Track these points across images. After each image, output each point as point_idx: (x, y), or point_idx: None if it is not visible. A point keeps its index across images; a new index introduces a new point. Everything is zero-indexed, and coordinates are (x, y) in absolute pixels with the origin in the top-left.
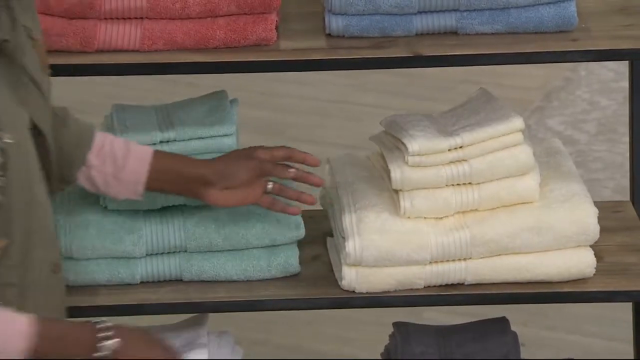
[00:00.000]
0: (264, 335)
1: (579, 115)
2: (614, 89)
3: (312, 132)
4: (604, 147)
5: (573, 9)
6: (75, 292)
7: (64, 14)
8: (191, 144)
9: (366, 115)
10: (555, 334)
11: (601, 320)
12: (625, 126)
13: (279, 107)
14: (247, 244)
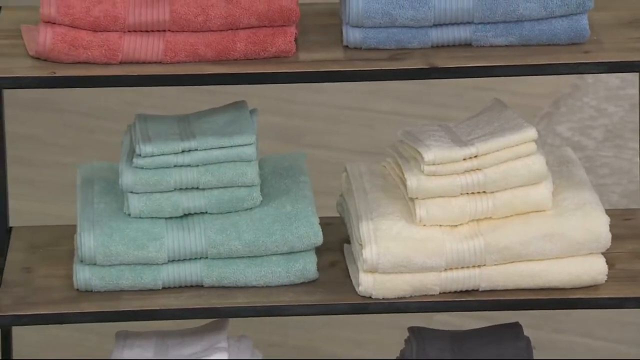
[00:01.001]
0: (280, 337)
1: (586, 122)
2: (620, 96)
3: (326, 138)
4: (611, 152)
5: (585, 22)
6: (99, 298)
7: (89, 27)
8: (212, 153)
9: (379, 121)
10: (565, 336)
11: (610, 323)
12: (631, 132)
13: (294, 114)
14: (266, 251)
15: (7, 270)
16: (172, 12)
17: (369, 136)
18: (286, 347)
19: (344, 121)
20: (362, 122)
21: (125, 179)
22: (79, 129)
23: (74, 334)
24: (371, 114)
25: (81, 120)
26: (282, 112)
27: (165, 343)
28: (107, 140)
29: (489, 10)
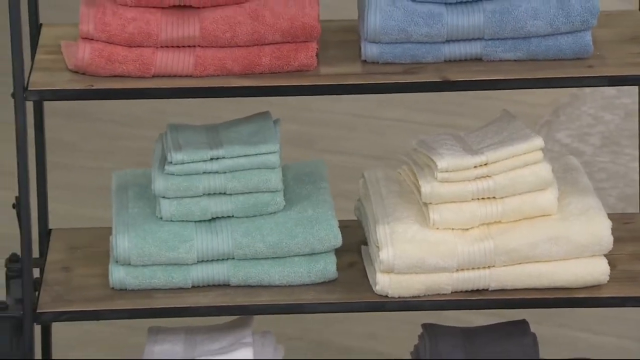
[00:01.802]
0: (300, 331)
1: (584, 129)
2: (616, 105)
3: (340, 144)
4: (607, 158)
5: (589, 38)
6: (133, 296)
7: (124, 42)
8: (238, 160)
9: (390, 128)
10: (568, 332)
11: (611, 319)
12: (627, 139)
13: (310, 121)
14: (289, 252)
15: (47, 270)
16: (202, 29)
17: (380, 142)
18: (304, 340)
19: (356, 128)
20: (374, 129)
21: (158, 185)
22: (110, 135)
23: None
24: (382, 122)
25: (111, 128)
26: (298, 120)
27: (193, 338)
28: (136, 146)
29: (499, 27)
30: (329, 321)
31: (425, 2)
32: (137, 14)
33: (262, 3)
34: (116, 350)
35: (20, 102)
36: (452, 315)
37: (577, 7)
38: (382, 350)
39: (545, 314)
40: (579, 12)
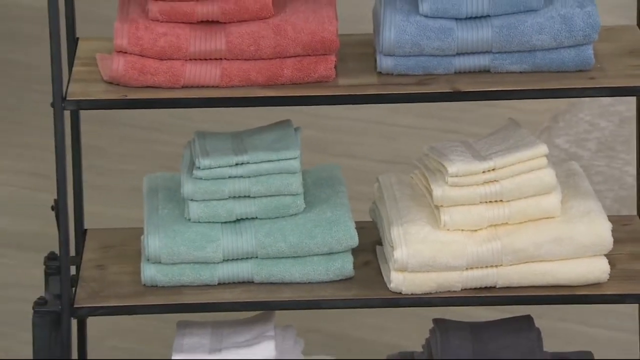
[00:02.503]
0: (317, 324)
1: (581, 135)
2: (611, 112)
3: (352, 149)
4: (603, 162)
5: (590, 51)
6: (163, 292)
7: (156, 55)
8: (262, 166)
9: (399, 134)
10: (566, 325)
11: (605, 313)
12: (621, 144)
13: (324, 127)
14: (309, 251)
15: (83, 268)
16: (228, 43)
17: (391, 147)
18: (321, 332)
19: (368, 134)
20: (385, 134)
21: (186, 188)
22: (137, 140)
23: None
24: (392, 128)
25: (139, 133)
26: (314, 126)
27: (220, 332)
28: (162, 150)
29: (506, 41)
30: (344, 315)
31: (437, 18)
32: (168, 29)
33: (284, 18)
34: (145, 342)
35: (59, 111)
36: (461, 311)
37: (579, 22)
38: (394, 343)
39: (545, 308)
40: (581, 27)
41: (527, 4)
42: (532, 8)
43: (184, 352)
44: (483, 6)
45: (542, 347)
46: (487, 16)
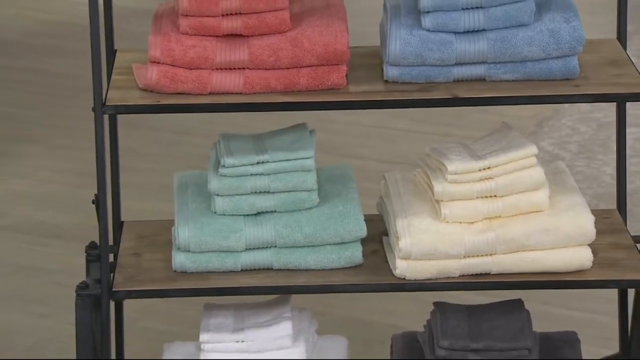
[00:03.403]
0: (326, 308)
1: (564, 138)
2: (590, 118)
3: (357, 150)
4: (583, 163)
5: (576, 62)
6: (191, 278)
7: (185, 65)
8: (280, 164)
9: (399, 137)
10: (550, 308)
11: (585, 298)
12: (599, 147)
13: (332, 130)
14: (322, 241)
15: (120, 255)
16: (250, 54)
17: (392, 149)
18: (332, 315)
19: (372, 137)
20: (386, 138)
21: (213, 184)
22: (167, 142)
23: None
24: (393, 131)
25: (169, 136)
26: (324, 130)
27: (242, 313)
28: (190, 151)
29: (500, 53)
30: (352, 300)
31: (438, 32)
32: (196, 42)
33: (300, 32)
34: (173, 323)
35: (99, 115)
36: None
37: (565, 36)
38: (398, 324)
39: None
40: (568, 40)
41: (518, 19)
42: (523, 23)
43: (210, 331)
44: (479, 21)
45: (531, 327)
46: (482, 30)
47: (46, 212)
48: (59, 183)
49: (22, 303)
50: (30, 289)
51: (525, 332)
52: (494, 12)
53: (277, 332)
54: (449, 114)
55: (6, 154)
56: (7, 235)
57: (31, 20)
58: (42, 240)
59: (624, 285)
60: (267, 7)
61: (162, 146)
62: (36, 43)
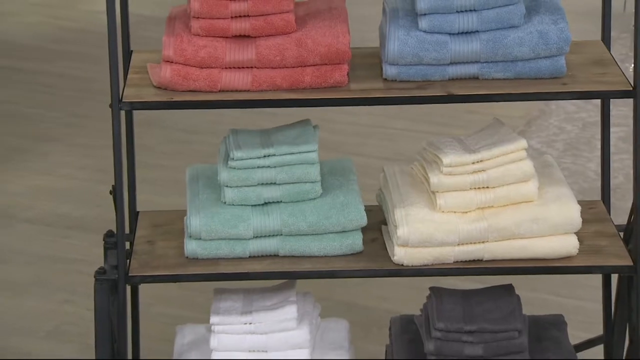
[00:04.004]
0: (328, 294)
1: (551, 137)
2: (575, 118)
3: (358, 149)
4: (569, 160)
5: (563, 61)
6: (202, 264)
7: (197, 65)
8: (286, 157)
9: (397, 136)
10: (538, 294)
11: (572, 285)
12: (584, 145)
13: (334, 130)
14: (325, 230)
15: (136, 243)
16: (258, 54)
17: (390, 147)
18: (332, 301)
19: (371, 136)
20: (385, 136)
21: (222, 176)
22: (179, 141)
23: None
24: (391, 131)
25: (180, 135)
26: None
27: (250, 297)
28: (200, 149)
29: (492, 53)
30: (352, 287)
31: (434, 33)
32: (207, 42)
33: (305, 33)
34: (185, 308)
35: (116, 111)
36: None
37: (553, 37)
38: (394, 309)
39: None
40: (555, 41)
41: (509, 21)
42: (514, 25)
43: (220, 314)
44: (473, 23)
45: (521, 311)
46: (476, 31)
47: (67, 205)
48: (79, 179)
49: (45, 290)
50: (52, 276)
51: (516, 315)
52: (487, 14)
53: (283, 315)
54: (443, 115)
55: (29, 152)
56: (31, 227)
57: (53, 28)
58: (63, 232)
59: (607, 271)
60: (273, 9)
61: (174, 144)
62: (57, 49)
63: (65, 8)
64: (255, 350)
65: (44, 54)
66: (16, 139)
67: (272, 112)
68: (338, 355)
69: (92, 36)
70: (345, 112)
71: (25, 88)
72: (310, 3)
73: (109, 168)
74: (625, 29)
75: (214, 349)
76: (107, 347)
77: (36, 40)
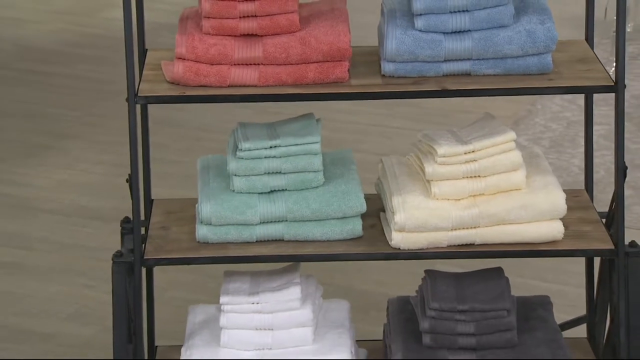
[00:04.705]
0: (329, 279)
1: (537, 135)
2: (560, 117)
3: (356, 145)
4: (554, 156)
5: (549, 59)
6: (212, 248)
7: (207, 61)
8: (290, 148)
9: (393, 134)
10: (525, 280)
11: (555, 271)
12: (568, 142)
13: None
14: (327, 216)
15: (151, 228)
16: (264, 52)
17: (387, 144)
18: (333, 286)
19: (369, 134)
20: (382, 134)
21: (231, 166)
22: (191, 138)
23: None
24: (388, 129)
25: (192, 132)
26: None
27: (257, 279)
28: (209, 146)
29: (483, 50)
30: (351, 272)
31: (429, 32)
32: (217, 40)
33: (308, 32)
34: (195, 292)
35: (132, 104)
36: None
37: (541, 36)
38: (390, 293)
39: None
40: (543, 39)
41: (499, 21)
42: (503, 24)
43: (230, 294)
44: (465, 23)
45: (510, 292)
46: (468, 30)
47: (86, 197)
48: (97, 173)
49: (66, 275)
50: (73, 263)
51: (505, 296)
52: (478, 14)
53: (287, 296)
54: (437, 114)
55: (51, 148)
56: (54, 217)
57: (74, 34)
58: (83, 222)
59: (590, 254)
60: (279, 10)
61: (187, 142)
62: (78, 53)
63: (85, 16)
64: (261, 329)
65: (65, 58)
66: (39, 137)
67: (277, 112)
68: (339, 333)
69: (110, 41)
70: (345, 111)
71: (47, 89)
72: (314, 4)
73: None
74: (605, 36)
75: (223, 327)
76: (124, 326)
77: (58, 45)
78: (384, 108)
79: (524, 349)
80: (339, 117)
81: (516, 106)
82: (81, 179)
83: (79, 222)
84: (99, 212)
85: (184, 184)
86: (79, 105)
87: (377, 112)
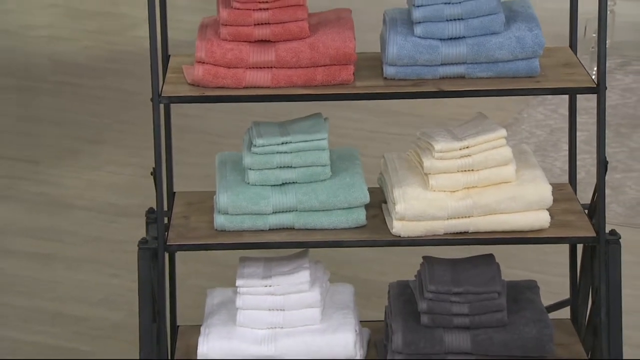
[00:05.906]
0: (335, 269)
1: (523, 140)
2: (544, 124)
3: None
4: (539, 159)
5: (537, 63)
6: (229, 235)
7: (225, 65)
8: (300, 144)
9: (393, 140)
10: (513, 271)
11: (540, 262)
12: (551, 147)
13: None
14: (334, 206)
15: (173, 218)
16: (277, 56)
17: (387, 149)
18: (338, 275)
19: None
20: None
21: (246, 160)
22: (209, 142)
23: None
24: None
25: (210, 137)
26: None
27: (269, 264)
28: (226, 149)
29: (476, 55)
30: (355, 262)
31: (427, 38)
32: (234, 46)
33: (317, 38)
34: (214, 280)
35: (156, 103)
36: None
37: (529, 42)
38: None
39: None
40: (531, 45)
41: (491, 28)
42: (495, 31)
43: (244, 277)
44: (460, 30)
45: (500, 276)
46: (463, 37)
47: (114, 196)
48: (125, 174)
49: (96, 265)
50: (102, 255)
51: (496, 280)
52: (472, 22)
53: (297, 279)
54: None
55: (82, 152)
56: (84, 213)
57: (104, 51)
58: (111, 218)
59: (574, 241)
60: (290, 18)
61: (206, 146)
62: (108, 67)
63: (115, 34)
64: (273, 309)
65: (96, 72)
66: (72, 142)
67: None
68: (344, 314)
69: (136, 57)
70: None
71: (80, 99)
72: (322, 14)
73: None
74: (585, 52)
75: (239, 308)
76: (149, 308)
77: (90, 60)
78: (383, 116)
79: (513, 328)
80: (344, 124)
81: (504, 114)
82: (109, 180)
83: (107, 218)
84: (125, 209)
85: (203, 183)
86: (107, 113)
87: (377, 119)
